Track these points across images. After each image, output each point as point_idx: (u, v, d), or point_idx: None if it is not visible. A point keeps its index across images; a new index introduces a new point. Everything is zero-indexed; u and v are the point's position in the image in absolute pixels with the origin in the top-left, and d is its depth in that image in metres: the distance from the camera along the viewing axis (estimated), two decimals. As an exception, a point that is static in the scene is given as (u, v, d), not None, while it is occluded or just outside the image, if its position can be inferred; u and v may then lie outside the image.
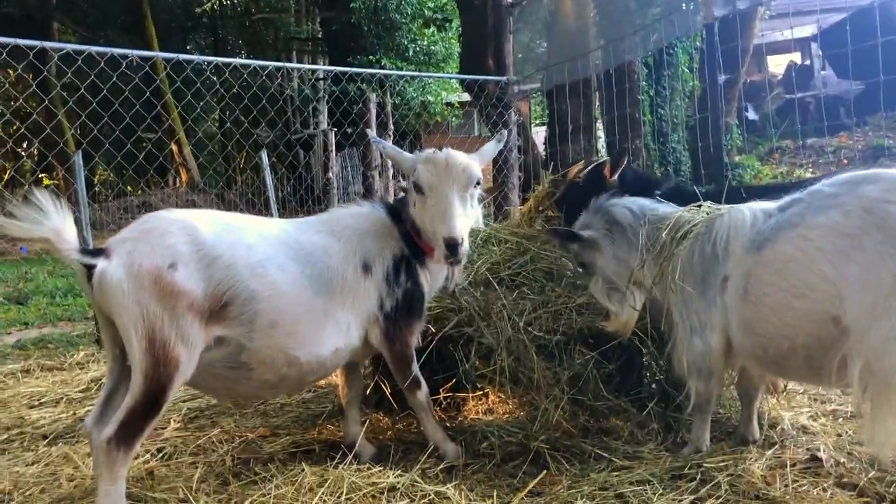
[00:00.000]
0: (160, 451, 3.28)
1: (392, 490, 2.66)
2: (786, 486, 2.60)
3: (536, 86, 10.21)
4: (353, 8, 18.69)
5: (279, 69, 6.94)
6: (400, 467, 2.90)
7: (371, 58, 18.37)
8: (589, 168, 4.07)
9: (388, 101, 9.57)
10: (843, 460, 2.83)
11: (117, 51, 5.16)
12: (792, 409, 3.49)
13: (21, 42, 4.56)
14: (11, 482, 2.94)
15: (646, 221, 3.14)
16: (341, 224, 3.08)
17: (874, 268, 2.19)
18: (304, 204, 12.79)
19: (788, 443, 3.07)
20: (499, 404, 3.53)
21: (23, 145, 19.05)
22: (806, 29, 16.42)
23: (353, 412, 3.25)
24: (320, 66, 19.16)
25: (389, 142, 4.93)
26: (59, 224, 2.40)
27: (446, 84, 19.48)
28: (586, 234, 3.28)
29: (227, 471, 3.03)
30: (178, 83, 6.30)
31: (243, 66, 6.63)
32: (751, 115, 17.68)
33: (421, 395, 3.11)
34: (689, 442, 3.08)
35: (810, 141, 14.87)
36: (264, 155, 8.44)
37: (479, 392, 3.52)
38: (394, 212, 3.18)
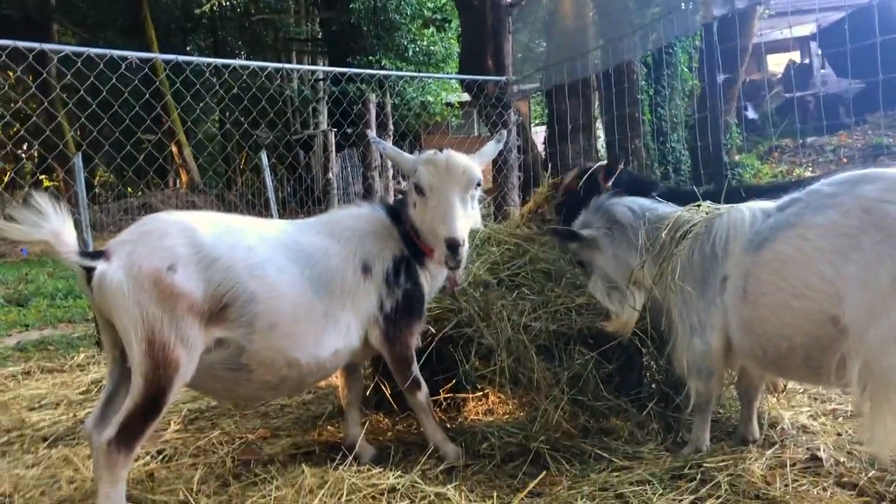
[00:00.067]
0: (160, 453, 3.29)
1: (392, 491, 2.66)
2: (786, 486, 2.60)
3: (536, 86, 10.23)
4: (353, 8, 18.71)
5: (279, 70, 6.92)
6: (400, 468, 2.90)
7: (370, 58, 18.38)
8: (585, 174, 4.07)
9: (388, 101, 9.59)
10: (843, 460, 2.83)
11: (117, 52, 5.16)
12: (792, 409, 3.49)
13: (20, 44, 4.56)
14: (12, 484, 2.94)
15: (646, 221, 3.14)
16: (341, 225, 3.08)
17: (872, 267, 2.20)
18: (303, 205, 12.77)
19: (788, 442, 3.07)
20: (499, 405, 3.53)
21: (23, 147, 19.06)
22: (805, 28, 16.46)
23: (353, 413, 3.26)
24: (320, 67, 19.18)
25: (389, 142, 4.93)
26: (59, 227, 2.40)
27: (446, 84, 19.49)
28: (586, 232, 3.28)
29: (228, 472, 3.03)
30: (178, 84, 6.29)
31: (243, 67, 6.62)
32: (750, 114, 17.69)
33: (421, 395, 3.11)
34: (689, 442, 3.08)
35: (810, 140, 14.87)
36: (264, 156, 8.45)
37: (479, 393, 3.52)
38: (394, 213, 3.17)
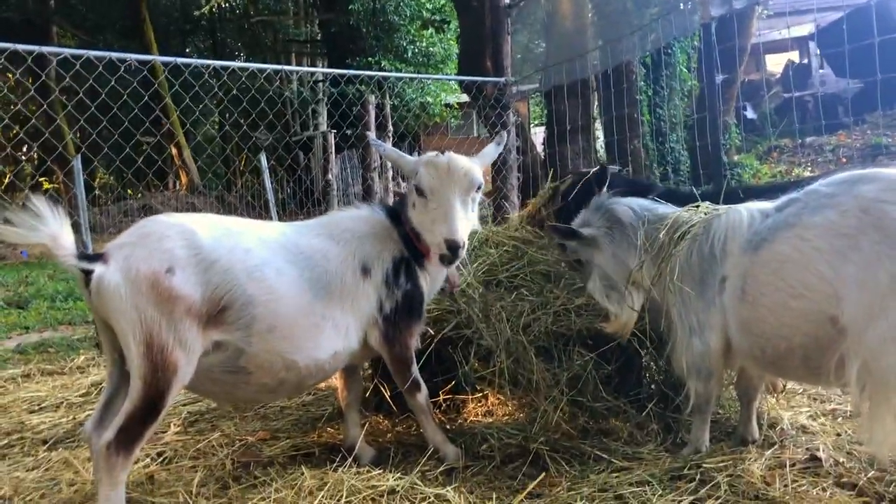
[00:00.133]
0: (160, 455, 3.28)
1: (392, 493, 2.66)
2: (785, 487, 2.60)
3: (535, 86, 10.24)
4: (352, 10, 18.72)
5: (278, 72, 6.91)
6: (400, 470, 2.90)
7: (370, 59, 18.39)
8: (580, 181, 4.05)
9: (387, 102, 9.59)
10: (842, 460, 2.83)
11: (116, 55, 5.15)
12: (791, 409, 3.49)
13: (20, 47, 4.56)
14: (12, 487, 2.94)
15: (645, 221, 3.14)
16: (340, 227, 3.07)
17: (871, 268, 2.20)
18: (303, 206, 12.76)
19: (788, 443, 3.07)
20: (498, 406, 3.53)
21: (22, 150, 19.06)
22: (803, 28, 16.47)
23: (352, 415, 3.25)
24: (319, 69, 19.19)
25: (389, 144, 4.93)
26: (56, 229, 2.39)
27: (445, 85, 19.50)
28: (586, 231, 3.28)
29: (227, 474, 3.03)
30: (177, 86, 6.28)
31: (242, 68, 6.61)
32: (749, 114, 17.69)
33: (420, 397, 3.10)
34: (689, 442, 3.08)
35: (809, 140, 14.87)
36: (263, 157, 8.46)
37: (479, 394, 3.52)
38: (393, 214, 3.17)
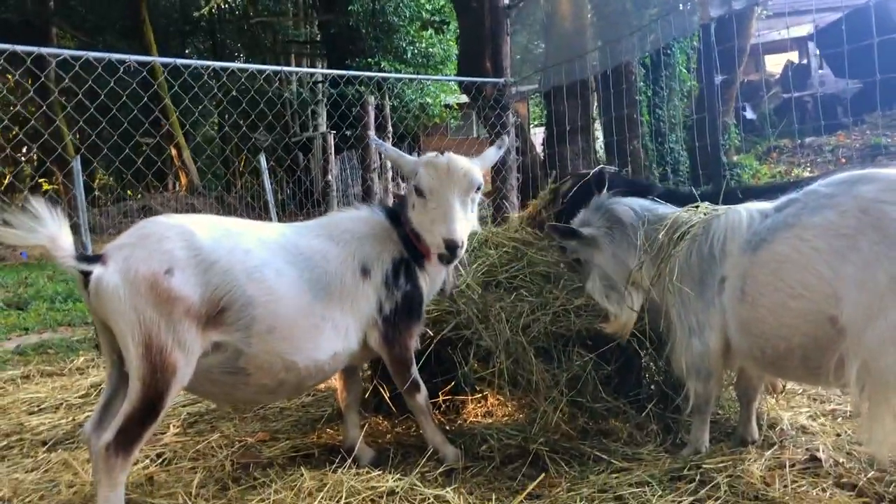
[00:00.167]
0: (160, 457, 3.28)
1: (391, 494, 2.66)
2: (785, 487, 2.60)
3: (534, 87, 10.25)
4: (351, 11, 18.73)
5: (277, 72, 6.91)
6: (399, 471, 2.90)
7: (369, 60, 18.40)
8: (578, 183, 4.05)
9: (387, 103, 9.57)
10: (842, 460, 2.83)
11: (115, 56, 5.15)
12: (791, 410, 3.49)
13: (19, 48, 4.56)
14: (11, 489, 2.94)
15: (645, 222, 3.14)
16: (340, 228, 3.07)
17: (870, 268, 2.20)
18: (302, 207, 12.75)
19: (787, 443, 3.07)
20: (498, 407, 3.53)
21: (22, 151, 19.05)
22: (803, 28, 16.47)
23: (351, 416, 3.25)
24: (318, 70, 19.19)
25: (388, 144, 4.93)
26: (55, 231, 2.39)
27: (444, 86, 19.51)
28: (586, 231, 3.28)
29: (227, 476, 3.03)
30: (177, 87, 6.27)
31: (241, 69, 6.61)
32: (748, 114, 17.70)
33: (420, 398, 3.10)
34: (689, 443, 3.08)
35: (808, 140, 14.88)
36: (263, 158, 8.45)
37: (478, 395, 3.52)
38: (393, 215, 3.17)
